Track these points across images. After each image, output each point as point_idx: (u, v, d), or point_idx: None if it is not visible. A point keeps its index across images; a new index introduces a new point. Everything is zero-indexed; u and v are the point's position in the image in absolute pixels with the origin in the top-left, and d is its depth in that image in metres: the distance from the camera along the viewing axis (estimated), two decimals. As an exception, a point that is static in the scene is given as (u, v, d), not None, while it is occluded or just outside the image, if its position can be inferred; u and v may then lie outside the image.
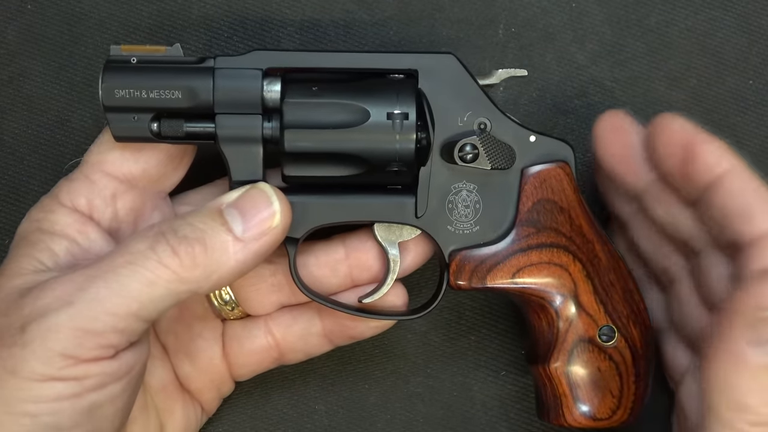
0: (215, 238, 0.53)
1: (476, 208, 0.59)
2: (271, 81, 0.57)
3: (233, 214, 0.54)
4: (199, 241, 0.53)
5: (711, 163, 0.56)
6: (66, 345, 0.50)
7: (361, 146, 0.57)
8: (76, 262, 0.56)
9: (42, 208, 0.58)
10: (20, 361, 0.50)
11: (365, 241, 0.63)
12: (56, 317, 0.51)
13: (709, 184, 0.56)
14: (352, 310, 0.61)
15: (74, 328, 0.51)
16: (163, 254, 0.52)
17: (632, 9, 0.69)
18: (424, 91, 0.58)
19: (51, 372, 0.50)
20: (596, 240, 0.60)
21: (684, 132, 0.57)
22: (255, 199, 0.55)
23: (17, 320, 0.51)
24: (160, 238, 0.53)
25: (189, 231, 0.53)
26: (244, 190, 0.56)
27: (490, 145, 0.58)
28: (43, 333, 0.50)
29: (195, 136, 0.57)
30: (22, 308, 0.52)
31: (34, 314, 0.51)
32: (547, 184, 0.60)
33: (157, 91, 0.56)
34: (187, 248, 0.52)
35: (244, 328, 0.64)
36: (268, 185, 0.56)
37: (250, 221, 0.54)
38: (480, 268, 0.60)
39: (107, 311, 0.51)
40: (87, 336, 0.51)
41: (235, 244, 0.54)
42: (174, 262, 0.52)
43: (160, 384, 0.63)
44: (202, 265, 0.53)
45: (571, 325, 0.60)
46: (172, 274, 0.52)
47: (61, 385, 0.51)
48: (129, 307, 0.51)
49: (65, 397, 0.51)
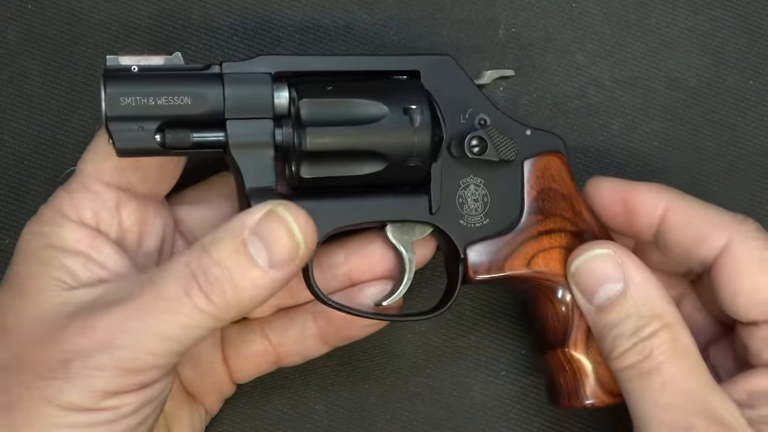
0: (243, 276, 0.53)
1: (485, 202, 0.60)
2: (278, 86, 0.56)
3: (257, 246, 0.53)
4: (229, 282, 0.52)
5: (650, 207, 0.60)
6: (108, 382, 0.51)
7: (381, 141, 0.57)
8: (98, 278, 0.55)
9: (46, 222, 0.57)
10: (59, 392, 0.51)
11: (365, 245, 0.63)
12: (101, 358, 0.51)
13: (658, 227, 0.60)
14: (369, 314, 0.61)
15: (117, 368, 0.51)
16: (198, 300, 0.52)
17: (632, 9, 0.69)
18: (427, 89, 0.59)
19: (89, 404, 0.51)
20: (595, 224, 0.62)
21: (615, 190, 0.61)
22: (276, 230, 0.53)
23: (57, 354, 0.52)
24: (193, 283, 0.52)
25: (218, 272, 0.52)
26: (263, 214, 0.53)
27: (495, 138, 0.59)
28: (87, 371, 0.51)
29: (203, 146, 0.55)
30: (61, 342, 0.52)
31: (76, 351, 0.51)
32: (547, 174, 0.61)
33: (166, 98, 0.53)
34: (219, 293, 0.52)
35: (240, 333, 0.65)
36: (287, 210, 0.54)
37: (275, 253, 0.53)
38: (497, 258, 0.61)
39: (148, 352, 0.52)
40: (128, 374, 0.52)
41: (263, 278, 0.53)
42: (210, 308, 0.52)
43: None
44: (234, 305, 0.53)
45: None
46: (209, 317, 0.53)
47: (98, 414, 0.52)
48: (170, 348, 0.52)
49: (101, 424, 0.52)
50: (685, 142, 0.69)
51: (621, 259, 0.58)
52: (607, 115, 0.69)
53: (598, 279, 0.58)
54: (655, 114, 0.69)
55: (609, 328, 0.58)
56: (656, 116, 0.69)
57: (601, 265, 0.58)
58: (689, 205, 0.60)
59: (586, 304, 0.59)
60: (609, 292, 0.58)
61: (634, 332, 0.57)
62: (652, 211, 0.60)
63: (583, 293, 0.59)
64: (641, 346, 0.56)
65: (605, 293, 0.58)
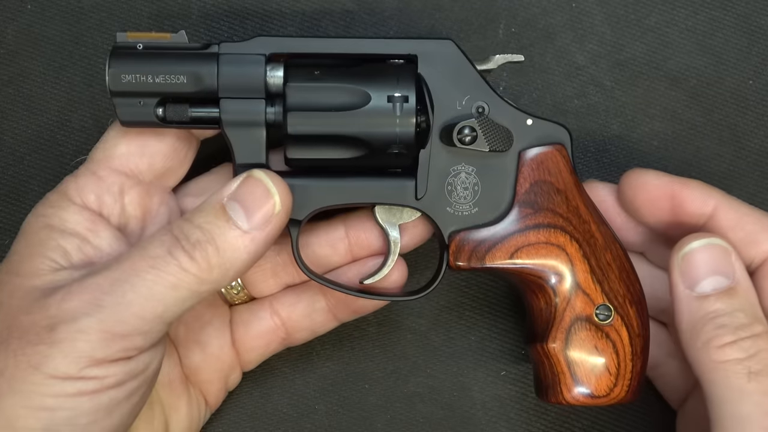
0: (224, 237, 0.55)
1: (475, 190, 0.60)
2: (274, 66, 0.58)
3: (235, 208, 0.55)
4: (210, 242, 0.54)
5: (701, 204, 0.59)
6: (94, 347, 0.52)
7: (362, 129, 0.58)
8: (88, 261, 0.57)
9: (50, 204, 0.58)
10: (45, 358, 0.51)
11: (365, 221, 0.63)
12: (86, 320, 0.52)
13: (705, 225, 0.59)
14: (353, 291, 0.62)
15: (103, 330, 0.52)
16: (182, 259, 0.54)
17: (632, 9, 0.69)
18: (423, 75, 0.59)
19: (74, 371, 0.51)
20: (592, 220, 0.61)
21: (663, 183, 0.59)
22: (253, 189, 0.56)
23: (43, 319, 0.52)
24: (176, 243, 0.54)
25: (199, 234, 0.54)
26: (241, 180, 0.56)
27: (488, 128, 0.59)
28: (73, 334, 0.52)
29: (200, 121, 0.58)
30: (48, 308, 0.53)
31: (63, 315, 0.52)
32: (544, 166, 0.60)
33: (163, 76, 0.57)
34: (201, 253, 0.54)
35: (250, 312, 0.65)
36: (263, 172, 0.57)
37: (253, 212, 0.55)
38: (479, 248, 0.60)
39: (134, 314, 0.52)
40: (114, 339, 0.52)
41: (243, 237, 0.55)
42: (193, 267, 0.54)
43: (166, 379, 0.63)
44: (217, 265, 0.54)
45: (569, 304, 0.60)
46: (193, 277, 0.54)
47: (82, 383, 0.52)
48: (155, 310, 0.53)
49: (85, 394, 0.52)
50: (685, 142, 0.69)
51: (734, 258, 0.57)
52: (607, 115, 0.69)
53: (709, 269, 0.57)
54: (655, 114, 0.69)
55: (711, 317, 0.56)
56: (656, 116, 0.69)
57: (715, 256, 0.57)
58: (739, 206, 0.59)
59: (685, 290, 0.57)
60: (716, 284, 0.56)
61: (742, 327, 0.55)
62: (702, 207, 0.59)
63: (684, 278, 0.57)
64: (748, 343, 0.55)
65: (712, 284, 0.56)
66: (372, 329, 0.70)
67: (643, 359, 0.61)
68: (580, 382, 0.60)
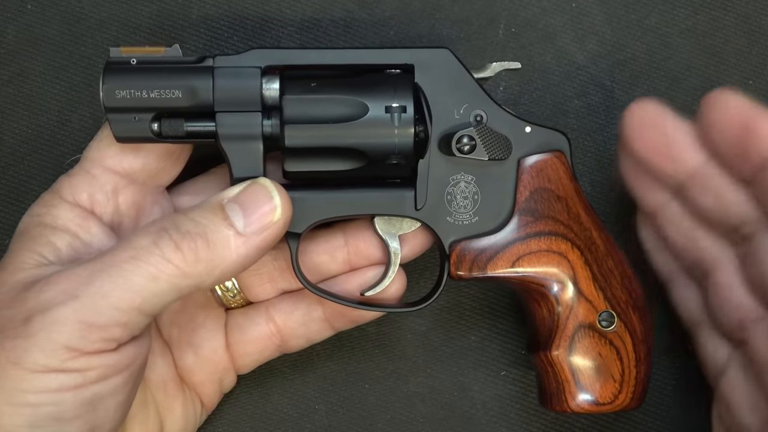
0: (217, 233, 0.54)
1: (475, 199, 0.60)
2: (269, 79, 0.58)
3: (234, 209, 0.55)
4: (201, 236, 0.54)
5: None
6: (70, 337, 0.51)
7: (360, 140, 0.57)
8: (78, 257, 0.56)
9: (43, 203, 0.58)
10: (24, 352, 0.51)
11: (364, 230, 0.63)
12: (61, 310, 0.51)
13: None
14: (353, 303, 0.62)
15: (78, 321, 0.51)
16: (166, 249, 0.53)
17: (632, 9, 0.69)
18: (420, 84, 0.59)
19: (54, 364, 0.51)
20: (593, 227, 0.61)
21: (740, 109, 0.55)
22: (256, 194, 0.56)
23: (21, 312, 0.52)
24: (163, 234, 0.53)
25: (191, 226, 0.54)
26: (245, 185, 0.56)
27: (486, 136, 0.59)
28: (48, 325, 0.51)
29: (196, 135, 0.58)
30: (26, 301, 0.52)
31: (38, 307, 0.52)
32: (543, 174, 0.60)
33: (158, 91, 0.56)
34: (189, 243, 0.53)
35: (245, 317, 0.65)
36: (269, 180, 0.57)
37: (252, 216, 0.55)
38: (480, 257, 0.60)
39: (111, 305, 0.52)
40: (91, 329, 0.51)
41: (236, 238, 0.54)
42: (177, 257, 0.53)
43: (160, 380, 0.63)
44: (204, 260, 0.53)
45: (571, 312, 0.60)
46: (175, 269, 0.53)
47: (63, 377, 0.51)
48: (132, 302, 0.52)
49: (67, 389, 0.51)
50: (685, 142, 0.69)
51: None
52: (607, 115, 0.69)
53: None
54: (655, 114, 0.69)
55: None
56: (656, 116, 0.69)
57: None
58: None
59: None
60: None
61: None
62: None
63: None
64: None
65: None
66: (372, 329, 0.70)
67: (646, 365, 0.61)
68: (584, 389, 0.60)
